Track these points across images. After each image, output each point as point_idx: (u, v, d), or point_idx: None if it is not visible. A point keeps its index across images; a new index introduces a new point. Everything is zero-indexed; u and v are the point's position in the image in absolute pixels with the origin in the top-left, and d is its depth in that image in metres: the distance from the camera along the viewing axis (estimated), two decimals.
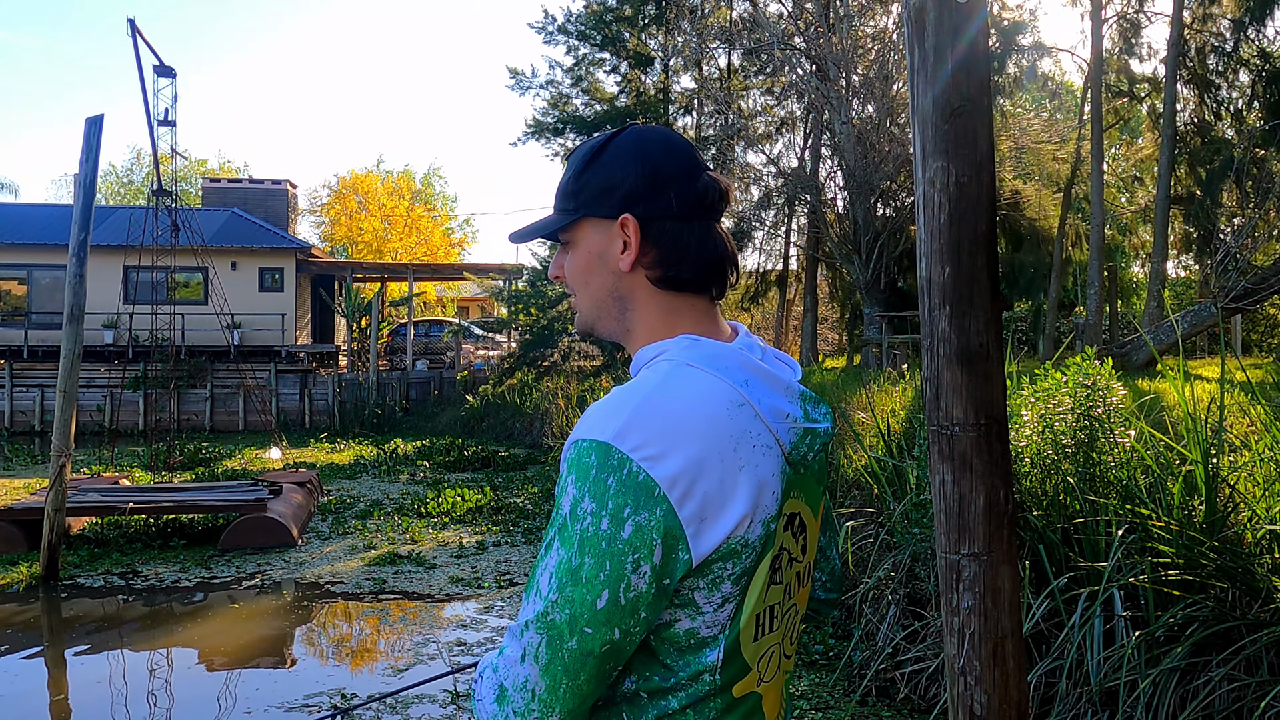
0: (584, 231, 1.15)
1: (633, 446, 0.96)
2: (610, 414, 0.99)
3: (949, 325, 1.64)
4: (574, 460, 0.98)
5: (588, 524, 0.95)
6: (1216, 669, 3.43)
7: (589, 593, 0.94)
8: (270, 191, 27.77)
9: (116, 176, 47.36)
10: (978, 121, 1.66)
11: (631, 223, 1.11)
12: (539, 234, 1.21)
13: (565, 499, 0.97)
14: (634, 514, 0.94)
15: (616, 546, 0.94)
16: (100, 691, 5.39)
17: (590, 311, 1.18)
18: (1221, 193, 16.99)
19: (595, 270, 1.15)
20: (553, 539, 0.97)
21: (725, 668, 1.03)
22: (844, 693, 4.77)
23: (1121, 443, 4.35)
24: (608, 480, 0.95)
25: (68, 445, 7.47)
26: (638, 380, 1.05)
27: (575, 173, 1.15)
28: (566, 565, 0.95)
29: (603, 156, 1.14)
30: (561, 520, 0.97)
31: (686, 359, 1.06)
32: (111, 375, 21.04)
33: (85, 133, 7.62)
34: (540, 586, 0.96)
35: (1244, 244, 13.24)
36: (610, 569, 0.94)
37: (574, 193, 1.15)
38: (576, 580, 0.94)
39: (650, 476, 0.95)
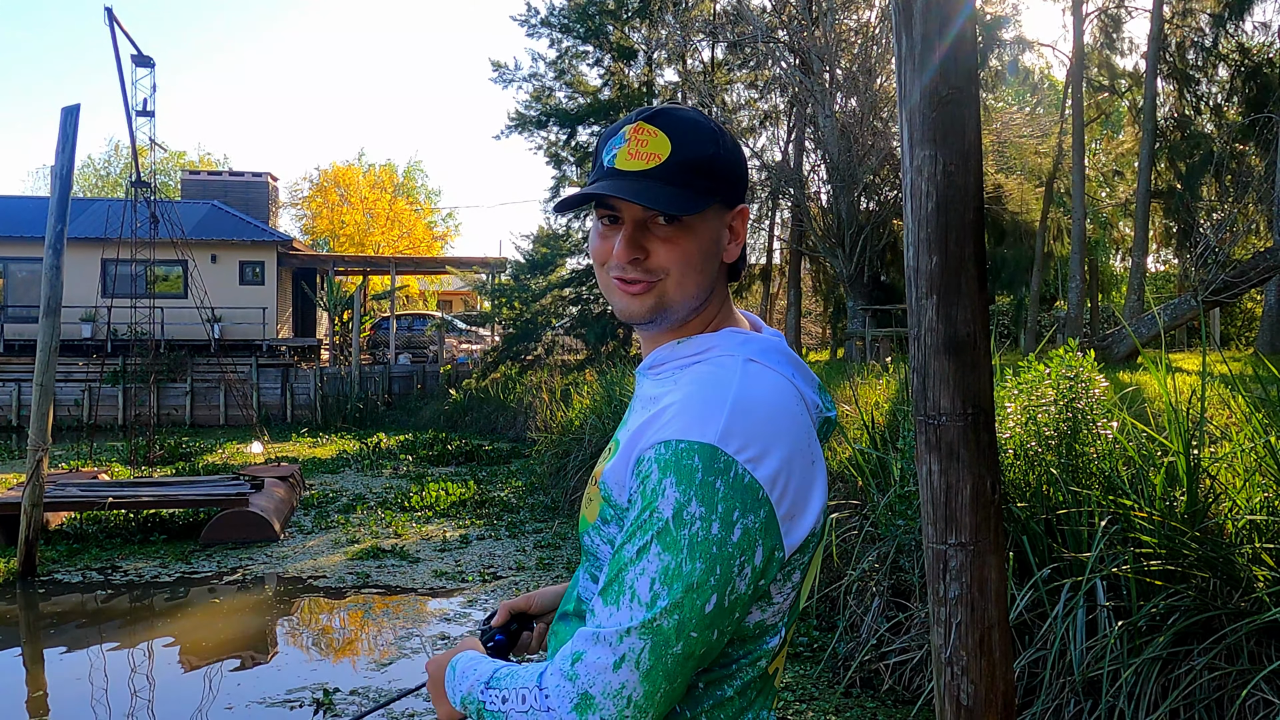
0: (708, 215, 1.08)
1: (737, 448, 0.94)
2: (706, 414, 0.96)
3: (936, 314, 1.64)
4: (672, 462, 0.94)
5: (697, 529, 0.92)
6: (1198, 658, 3.46)
7: (699, 598, 0.92)
8: (251, 184, 27.55)
9: (95, 168, 46.86)
10: (965, 110, 1.65)
11: (747, 214, 1.12)
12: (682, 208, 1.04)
13: (664, 502, 0.94)
14: (742, 517, 0.93)
15: (727, 550, 0.93)
16: (80, 688, 5.33)
17: (687, 300, 1.09)
18: (1201, 187, 17.14)
19: (710, 258, 1.09)
20: (649, 543, 0.94)
21: (779, 651, 1.06)
22: (828, 684, 4.79)
23: (1104, 434, 4.38)
24: (715, 483, 0.93)
25: (45, 440, 7.38)
26: (711, 377, 1.02)
27: (713, 150, 1.07)
28: (675, 571, 0.92)
29: (725, 139, 1.09)
30: (660, 524, 0.93)
31: (748, 354, 1.05)
32: (90, 369, 20.83)
33: (61, 123, 7.52)
34: (638, 593, 0.93)
35: (1223, 238, 13.36)
36: (720, 573, 0.93)
37: (710, 172, 1.07)
38: (687, 586, 0.92)
39: (755, 479, 0.94)
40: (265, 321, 23.56)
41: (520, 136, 22.12)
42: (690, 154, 1.05)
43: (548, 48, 22.28)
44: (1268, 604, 3.40)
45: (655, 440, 0.97)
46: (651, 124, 1.06)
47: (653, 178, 1.04)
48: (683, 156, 1.05)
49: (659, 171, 1.04)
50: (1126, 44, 19.88)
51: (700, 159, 1.05)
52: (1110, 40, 19.11)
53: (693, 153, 1.05)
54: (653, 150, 1.05)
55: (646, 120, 1.07)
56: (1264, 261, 12.11)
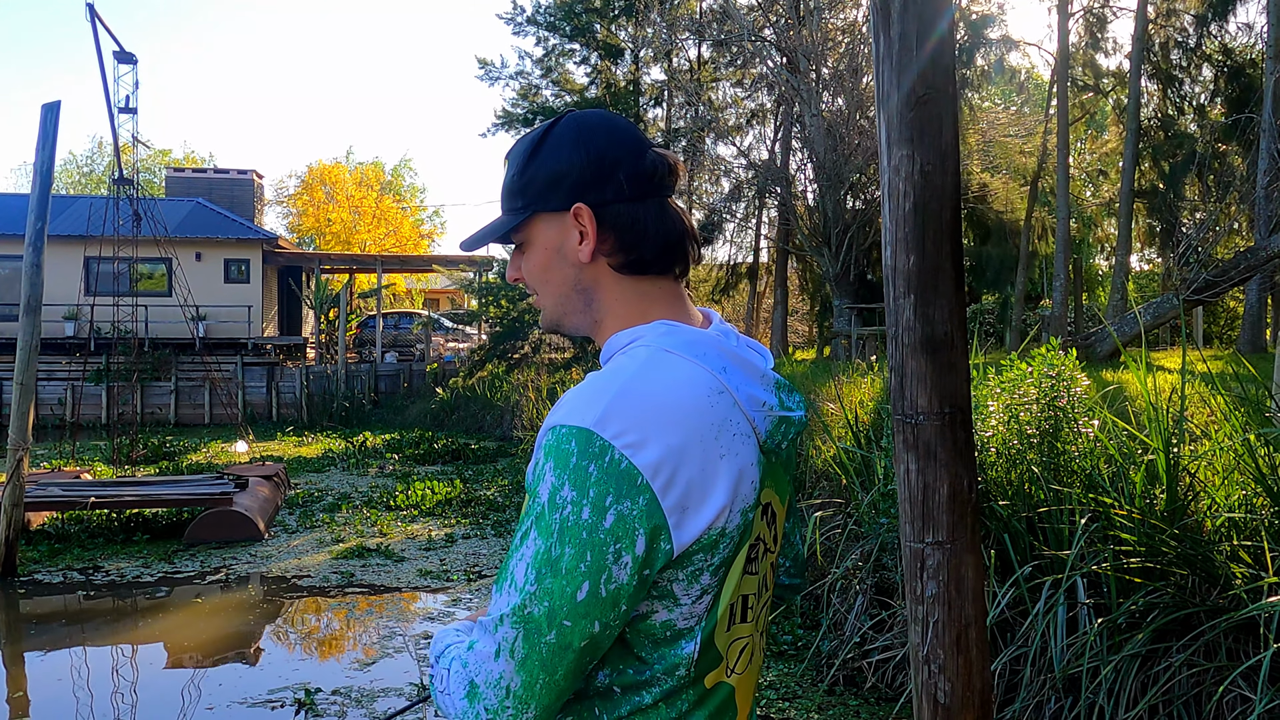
0: (537, 228, 1.12)
1: (615, 433, 0.93)
2: (589, 400, 0.96)
3: (913, 314, 1.64)
4: (551, 447, 0.94)
5: (568, 513, 0.91)
6: (1176, 654, 3.49)
7: (569, 584, 0.91)
8: (236, 181, 27.39)
9: (77, 165, 46.51)
10: (942, 109, 1.65)
11: (585, 211, 1.08)
12: (490, 238, 1.16)
13: (543, 487, 0.93)
14: (616, 503, 0.91)
15: (598, 536, 0.91)
16: (61, 689, 5.29)
17: (555, 308, 1.14)
18: (1184, 186, 17.26)
19: (554, 265, 1.12)
20: (529, 528, 0.94)
21: (700, 659, 1.02)
22: (812, 682, 4.80)
23: (1085, 432, 4.41)
24: (589, 468, 0.92)
25: (26, 439, 7.32)
26: (615, 366, 1.02)
27: (518, 169, 1.12)
28: (545, 556, 0.91)
29: (543, 148, 1.11)
30: (539, 509, 0.93)
31: (664, 345, 1.03)
32: (73, 368, 20.66)
33: (42, 120, 7.46)
34: (515, 578, 0.93)
35: (1205, 237, 13.47)
36: (591, 559, 0.91)
37: (520, 190, 1.11)
38: (556, 571, 0.91)
39: (633, 464, 0.92)
40: (250, 320, 23.43)
41: (507, 134, 22.09)
42: (507, 179, 1.13)
43: (534, 46, 22.26)
44: (1245, 600, 3.43)
45: (545, 426, 0.98)
46: (506, 157, 1.16)
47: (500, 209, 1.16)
48: (506, 183, 1.13)
49: (501, 203, 1.15)
50: (1111, 44, 20.04)
51: (510, 180, 1.13)
52: (1095, 40, 19.22)
53: (509, 175, 1.13)
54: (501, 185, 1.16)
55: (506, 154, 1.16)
56: (1245, 261, 12.21)
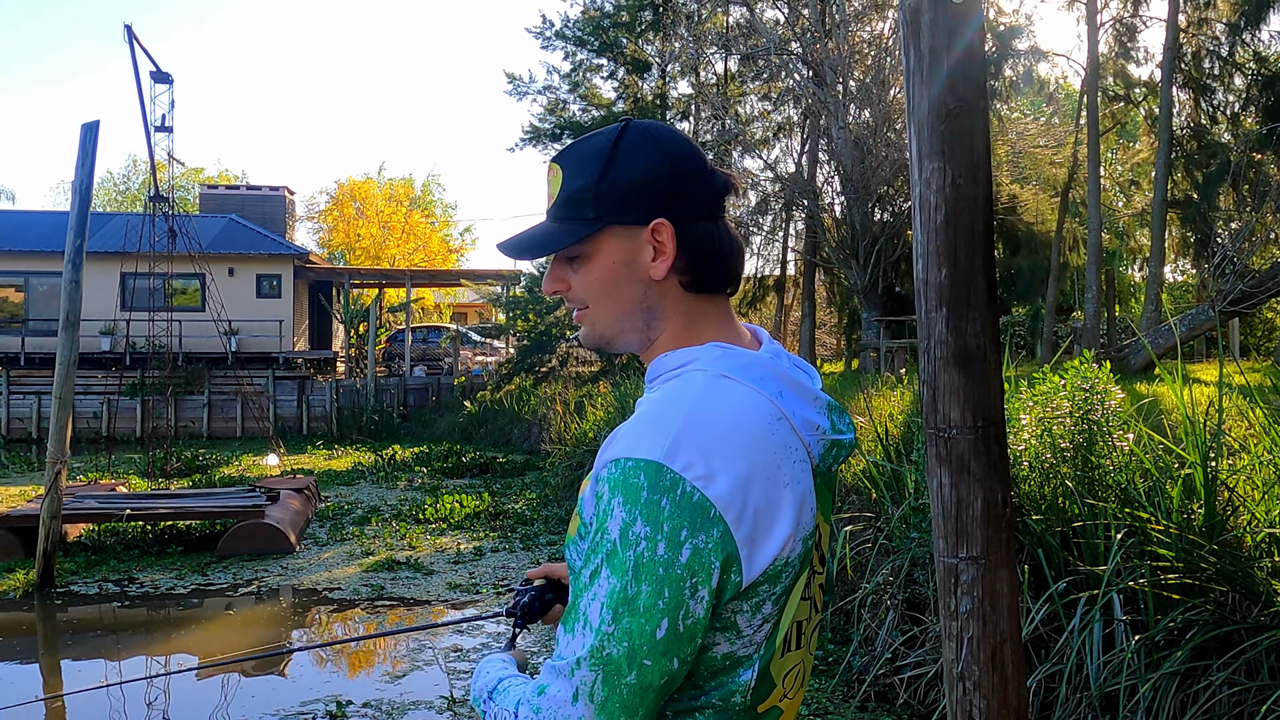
0: (605, 242, 1.06)
1: (684, 465, 0.90)
2: (654, 431, 0.93)
3: (946, 327, 1.63)
4: (618, 481, 0.92)
5: (642, 549, 0.89)
6: (1217, 673, 3.42)
7: (648, 623, 0.88)
8: (268, 198, 27.77)
9: (114, 183, 47.36)
10: (974, 123, 1.65)
11: (667, 228, 1.05)
12: (550, 248, 1.09)
13: (612, 523, 0.91)
14: (691, 537, 0.89)
15: (675, 572, 0.89)
16: (96, 699, 5.36)
17: (612, 326, 1.09)
18: (1218, 196, 17.02)
19: (621, 281, 1.07)
20: (599, 566, 0.91)
21: (756, 687, 1.00)
22: (843, 698, 4.76)
23: (1120, 446, 4.34)
24: (661, 502, 0.89)
25: (63, 452, 7.45)
26: (673, 393, 0.99)
27: (593, 177, 1.06)
28: (621, 594, 0.89)
29: (618, 157, 1.06)
30: (609, 546, 0.90)
31: (721, 370, 1.01)
32: (109, 382, 21.00)
33: (81, 139, 7.61)
34: (589, 618, 0.90)
35: (1241, 247, 13.26)
36: (669, 596, 0.89)
37: (593, 199, 1.05)
38: (634, 610, 0.88)
39: (705, 496, 0.90)
40: (282, 334, 23.70)
41: (534, 149, 22.22)
42: (573, 186, 1.06)
43: (562, 60, 22.44)
44: None
45: (607, 459, 0.95)
46: (556, 162, 1.09)
47: (549, 217, 1.09)
48: (568, 191, 1.07)
49: (552, 210, 1.09)
50: (1142, 53, 19.84)
51: (580, 189, 1.06)
52: (1125, 49, 19.03)
53: (574, 184, 1.06)
54: (552, 190, 1.09)
55: (555, 159, 1.10)
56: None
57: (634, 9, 21.28)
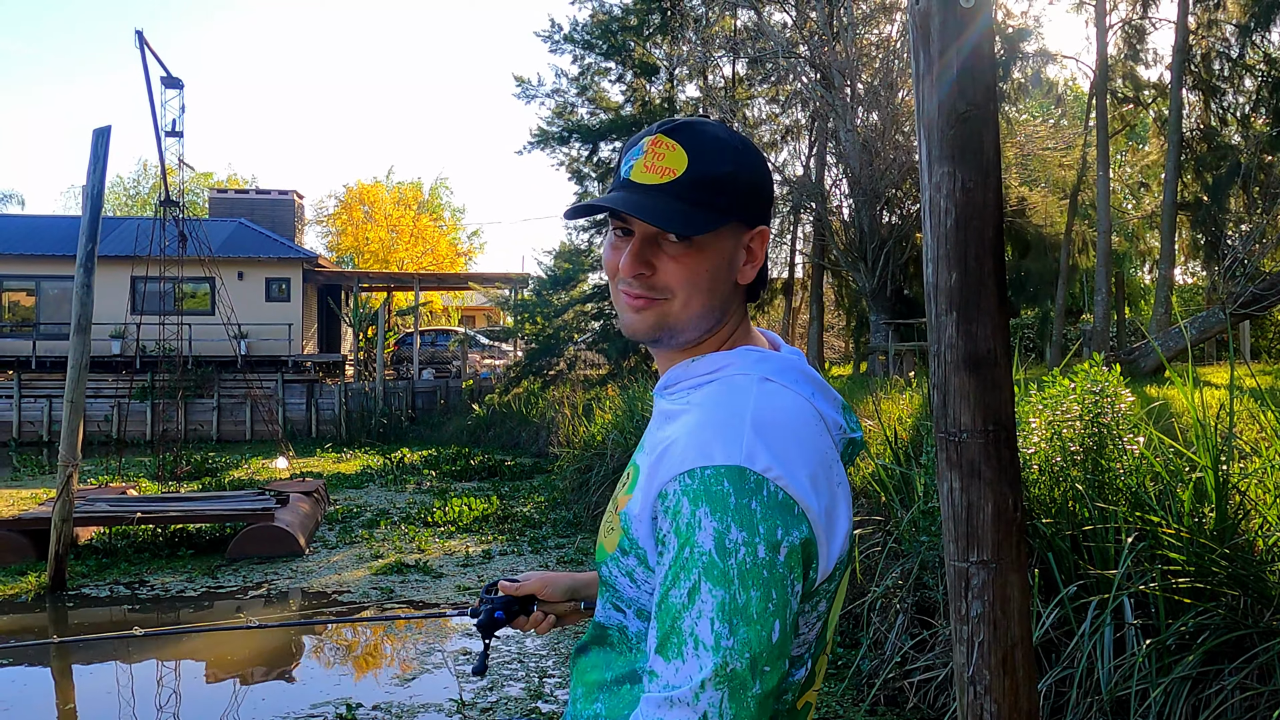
0: (722, 235, 1.03)
1: (764, 466, 0.90)
2: (726, 435, 0.92)
3: (956, 331, 1.63)
4: (699, 491, 0.89)
5: (743, 555, 0.87)
6: (1229, 678, 3.40)
7: (763, 628, 0.86)
8: (277, 202, 27.88)
9: (124, 187, 47.61)
10: (984, 126, 1.65)
11: (766, 236, 1.06)
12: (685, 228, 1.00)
13: (702, 535, 0.87)
14: (786, 535, 0.89)
15: (778, 572, 0.88)
16: (107, 702, 5.38)
17: (689, 320, 1.04)
18: (1228, 198, 16.94)
19: (721, 279, 1.04)
20: (697, 582, 0.87)
21: (804, 684, 1.00)
22: (853, 702, 4.75)
23: (1130, 449, 4.33)
24: (750, 504, 0.88)
25: (75, 455, 7.48)
26: (724, 398, 0.97)
27: (729, 168, 1.01)
28: (731, 605, 0.86)
29: (746, 155, 1.03)
30: (705, 559, 0.87)
31: (763, 373, 1.00)
32: (119, 385, 21.10)
33: (93, 144, 7.65)
34: (701, 638, 0.86)
35: (1251, 249, 13.20)
36: (777, 597, 0.87)
37: (729, 190, 1.01)
38: (748, 618, 0.86)
39: (789, 494, 0.90)
40: (291, 337, 23.79)
41: (543, 152, 22.26)
42: (706, 171, 1.00)
43: (570, 64, 22.44)
44: None
45: (677, 471, 0.91)
46: (671, 137, 1.02)
47: (666, 193, 1.00)
48: (698, 173, 1.00)
49: (672, 187, 1.00)
50: (1151, 55, 19.75)
51: (716, 176, 1.00)
52: (1134, 51, 18.98)
53: (709, 170, 1.00)
54: (669, 165, 1.01)
55: (666, 133, 1.02)
56: None
57: (642, 13, 21.31)
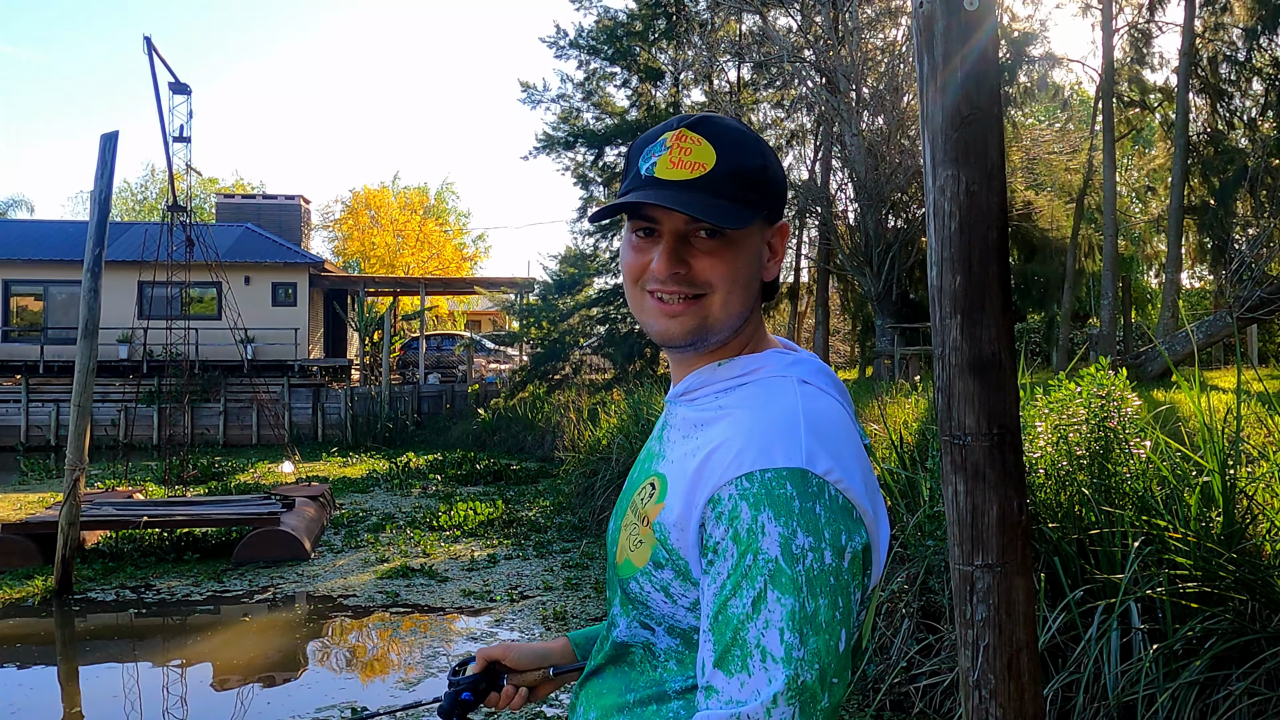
0: (752, 230, 1.00)
1: (825, 469, 0.87)
2: (783, 437, 0.88)
3: (961, 334, 1.63)
4: (761, 495, 0.85)
5: (810, 561, 0.83)
6: (1236, 683, 3.39)
7: (831, 638, 0.83)
8: (284, 207, 27.96)
9: (131, 193, 47.77)
10: (988, 129, 1.65)
11: (787, 232, 1.03)
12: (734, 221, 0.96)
13: (767, 541, 0.83)
14: (848, 540, 0.86)
15: (844, 579, 0.85)
16: (114, 705, 5.39)
17: (730, 319, 1.00)
18: (1235, 202, 16.89)
19: (755, 276, 1.01)
20: (763, 590, 0.83)
21: None
22: (858, 707, 4.73)
23: (1137, 454, 4.32)
24: (814, 509, 0.85)
25: (82, 459, 7.51)
26: (776, 399, 0.93)
27: (759, 162, 0.99)
28: (801, 614, 0.82)
29: (769, 151, 1.02)
30: (771, 566, 0.83)
31: (800, 374, 0.97)
32: (126, 390, 21.16)
33: (100, 149, 7.69)
34: (769, 650, 0.82)
35: (1259, 253, 13.16)
36: (843, 605, 0.84)
37: (760, 185, 0.99)
38: (817, 628, 0.82)
39: (849, 498, 0.87)
40: (297, 342, 23.84)
41: (548, 157, 22.33)
42: (738, 164, 0.97)
43: (576, 69, 22.49)
44: None
45: (734, 475, 0.87)
46: (695, 131, 0.99)
47: (697, 188, 0.96)
48: (730, 166, 0.97)
49: (703, 182, 0.96)
50: (1157, 59, 19.71)
51: (748, 170, 0.98)
52: (1140, 55, 18.95)
53: (740, 163, 0.98)
54: (697, 159, 0.97)
55: (690, 127, 0.99)
56: None
57: (647, 18, 21.35)
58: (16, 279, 23.97)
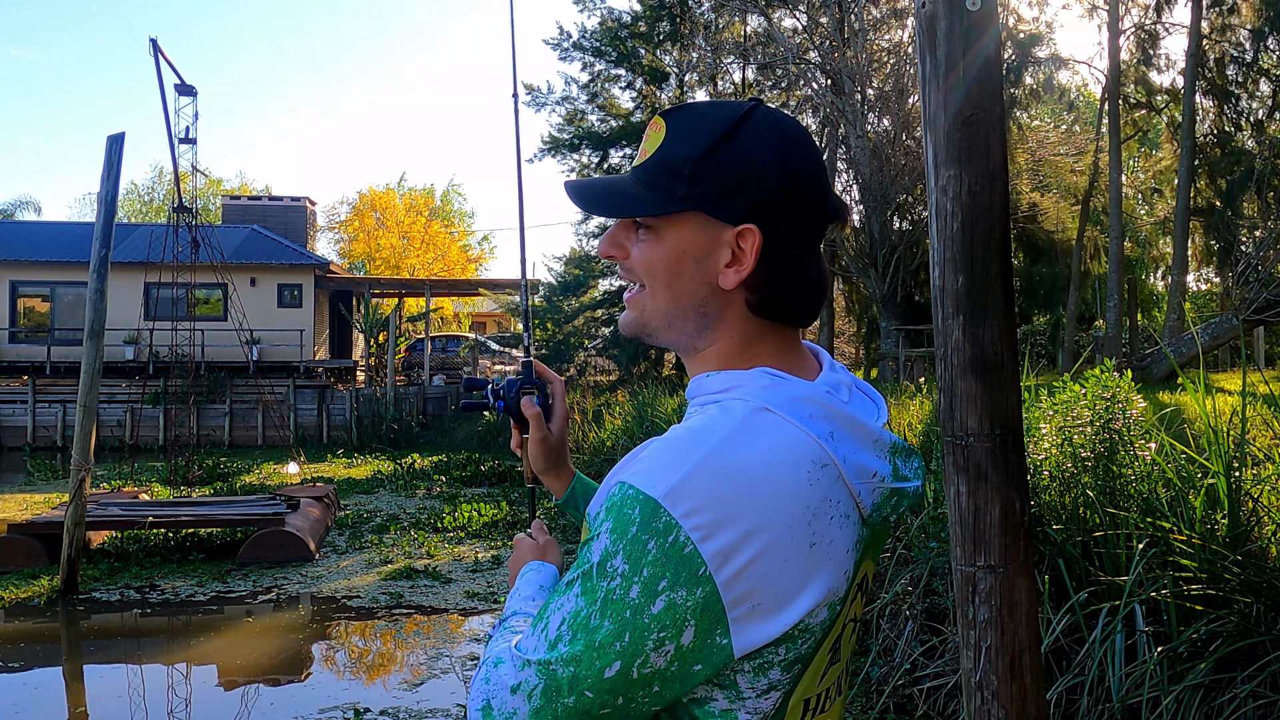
0: (684, 225, 0.93)
1: (685, 511, 0.81)
2: (668, 463, 0.84)
3: (963, 334, 1.63)
4: (615, 505, 0.84)
5: (615, 585, 0.82)
6: (1241, 685, 3.37)
7: (599, 659, 0.82)
8: (289, 208, 28.03)
9: (138, 194, 47.91)
10: (990, 130, 1.65)
11: (755, 237, 0.91)
12: (617, 211, 0.95)
13: (596, 545, 0.84)
14: (670, 590, 0.81)
15: (642, 620, 0.81)
16: (118, 705, 5.40)
17: (659, 318, 0.96)
18: (1242, 204, 16.85)
19: (685, 274, 0.94)
20: (575, 580, 0.85)
21: None
22: (862, 709, 4.73)
23: (1142, 455, 4.30)
24: (648, 544, 0.81)
25: (87, 460, 7.53)
26: (705, 424, 0.87)
27: (699, 150, 0.91)
28: (584, 621, 0.83)
29: (737, 140, 0.91)
30: (587, 567, 0.84)
31: (765, 401, 0.88)
32: (132, 391, 21.22)
33: (106, 151, 7.71)
34: (549, 627, 0.85)
35: (1265, 255, 13.12)
36: (629, 641, 0.82)
37: (690, 176, 0.91)
38: (590, 642, 0.82)
39: (698, 550, 0.80)
40: (302, 343, 23.89)
41: (553, 159, 22.33)
42: (672, 152, 0.92)
43: (580, 71, 22.52)
44: None
45: (618, 477, 0.86)
46: (665, 118, 0.95)
47: (634, 175, 0.95)
48: (665, 155, 0.93)
49: (639, 168, 0.95)
50: (1164, 60, 19.72)
51: (679, 158, 0.91)
52: (1147, 56, 18.92)
53: (675, 150, 0.92)
54: (648, 145, 0.95)
55: (664, 114, 0.96)
56: None
57: (651, 19, 21.36)
58: (24, 280, 24.06)
